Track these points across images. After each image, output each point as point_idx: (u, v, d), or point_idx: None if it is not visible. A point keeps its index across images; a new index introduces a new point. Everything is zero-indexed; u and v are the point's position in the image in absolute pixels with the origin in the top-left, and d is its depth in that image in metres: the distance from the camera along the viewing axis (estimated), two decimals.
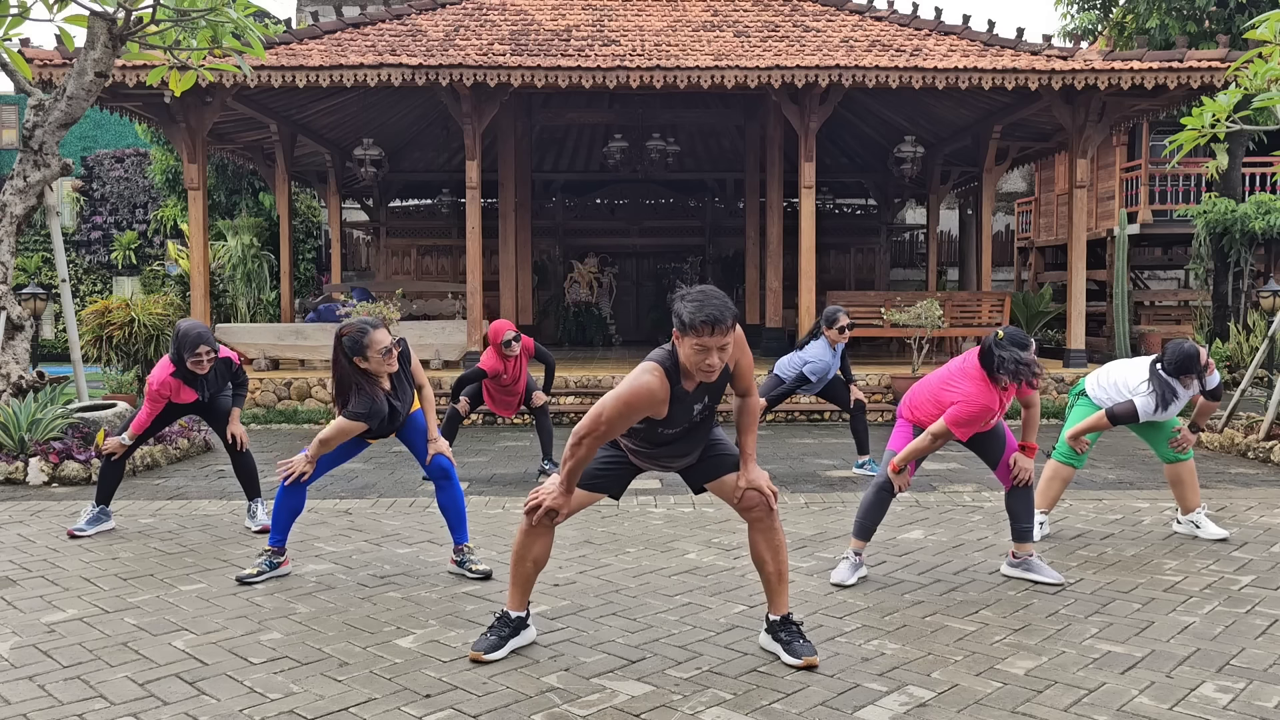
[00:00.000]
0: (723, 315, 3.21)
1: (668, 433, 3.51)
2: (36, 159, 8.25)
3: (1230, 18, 15.83)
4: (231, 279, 17.49)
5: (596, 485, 3.69)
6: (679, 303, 3.28)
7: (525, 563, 3.70)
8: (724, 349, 3.26)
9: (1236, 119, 6.89)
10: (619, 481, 3.75)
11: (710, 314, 3.19)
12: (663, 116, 15.61)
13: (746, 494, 3.59)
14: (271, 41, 11.58)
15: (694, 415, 3.48)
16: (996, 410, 4.43)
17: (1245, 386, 9.05)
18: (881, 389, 11.72)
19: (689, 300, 3.26)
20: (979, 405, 4.35)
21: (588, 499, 3.69)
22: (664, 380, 3.35)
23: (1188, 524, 5.48)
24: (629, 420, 3.39)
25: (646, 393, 3.33)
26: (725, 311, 3.22)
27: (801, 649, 3.58)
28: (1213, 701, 3.25)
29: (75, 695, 3.35)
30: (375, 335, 4.44)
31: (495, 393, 7.52)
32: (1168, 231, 16.60)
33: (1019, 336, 4.29)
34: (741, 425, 3.61)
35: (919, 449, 4.51)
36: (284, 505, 4.72)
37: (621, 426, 3.40)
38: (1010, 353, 4.24)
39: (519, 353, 7.36)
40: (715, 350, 3.24)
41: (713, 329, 3.20)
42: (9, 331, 8.40)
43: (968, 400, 4.37)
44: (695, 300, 3.24)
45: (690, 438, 3.58)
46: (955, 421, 4.38)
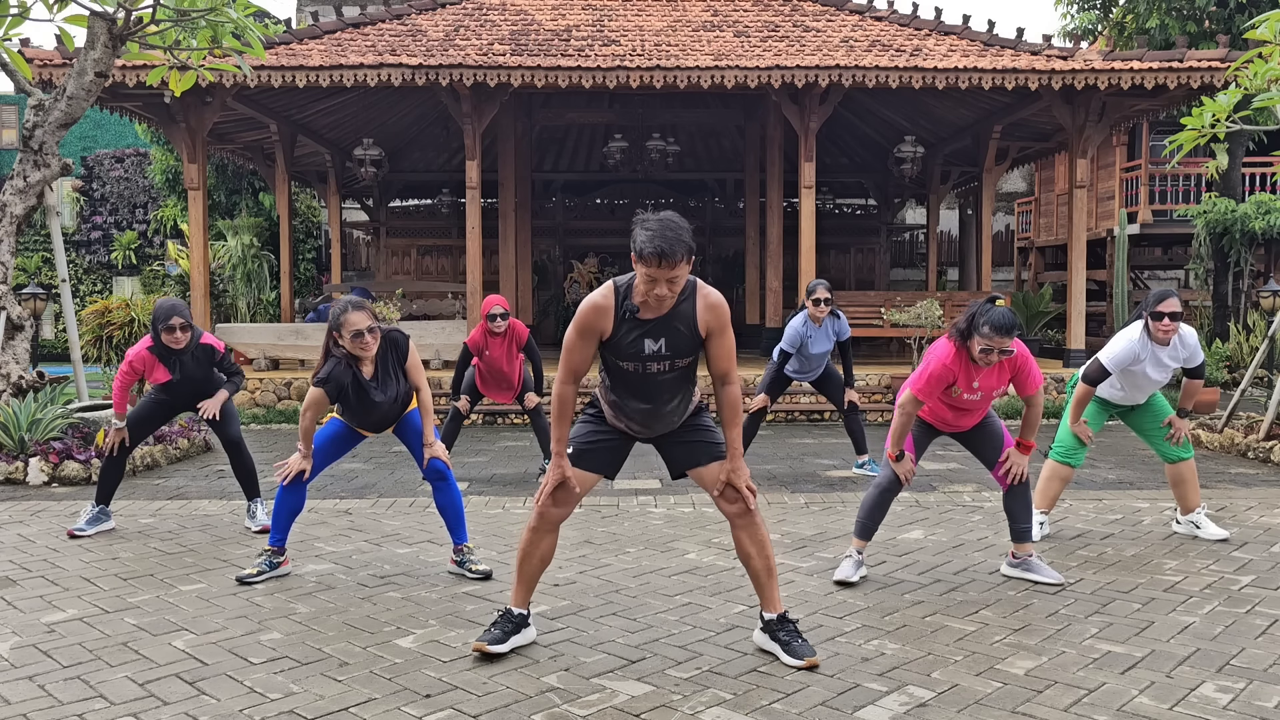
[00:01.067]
0: (673, 249, 3.21)
1: (627, 368, 3.49)
2: (36, 159, 8.24)
3: (1230, 18, 15.84)
4: (231, 279, 17.50)
5: (591, 463, 3.68)
6: (637, 228, 3.30)
7: (532, 560, 3.70)
8: (673, 281, 3.28)
9: (1236, 119, 6.89)
10: (612, 457, 3.74)
11: (659, 246, 3.20)
12: (663, 116, 15.61)
13: (726, 490, 3.59)
14: (271, 41, 11.58)
15: (647, 353, 3.46)
16: (958, 373, 4.35)
17: (1245, 386, 9.05)
18: (881, 389, 11.72)
19: (646, 227, 3.27)
20: (940, 365, 4.33)
21: (589, 479, 3.69)
22: (609, 294, 3.42)
23: (1188, 524, 5.48)
24: (586, 339, 3.47)
25: (590, 306, 3.44)
26: (677, 245, 3.21)
27: (801, 649, 3.57)
28: (1213, 701, 3.25)
29: (75, 695, 3.35)
30: (351, 315, 4.44)
31: (485, 375, 7.44)
32: (1168, 231, 16.60)
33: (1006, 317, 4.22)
34: (723, 419, 3.58)
35: (895, 428, 4.51)
36: (284, 505, 4.72)
37: (582, 349, 3.48)
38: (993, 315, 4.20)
39: (504, 332, 7.20)
40: (664, 281, 3.27)
41: (660, 260, 3.21)
42: (9, 331, 8.40)
43: (930, 361, 4.37)
44: (651, 229, 3.25)
45: (657, 392, 3.54)
46: (915, 383, 4.39)
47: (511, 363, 7.37)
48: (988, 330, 4.21)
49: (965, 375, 4.38)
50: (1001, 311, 4.24)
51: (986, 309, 4.24)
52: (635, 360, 3.48)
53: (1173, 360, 5.21)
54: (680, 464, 3.72)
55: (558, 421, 3.58)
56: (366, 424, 4.77)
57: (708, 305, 3.44)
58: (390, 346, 4.63)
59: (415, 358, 4.73)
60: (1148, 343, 5.13)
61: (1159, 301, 5.05)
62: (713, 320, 3.45)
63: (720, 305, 3.47)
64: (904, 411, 4.46)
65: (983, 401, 4.51)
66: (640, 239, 3.25)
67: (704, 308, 3.44)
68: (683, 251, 3.23)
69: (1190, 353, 5.19)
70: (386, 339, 4.61)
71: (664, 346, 3.46)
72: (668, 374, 3.52)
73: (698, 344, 3.50)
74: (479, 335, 7.27)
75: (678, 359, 3.49)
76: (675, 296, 3.34)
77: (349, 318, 4.43)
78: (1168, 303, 5.03)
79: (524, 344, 7.38)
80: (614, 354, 3.52)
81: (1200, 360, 5.25)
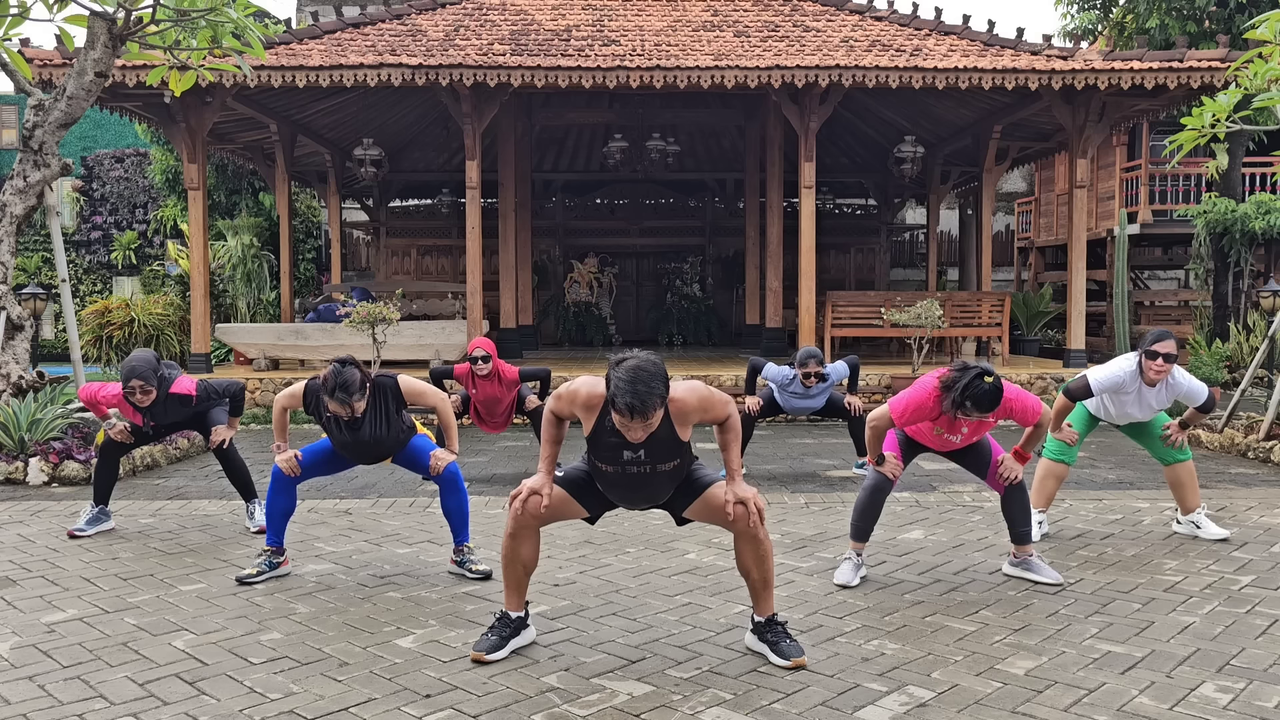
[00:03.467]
0: (645, 404, 3.19)
1: (605, 469, 3.52)
2: (36, 159, 8.24)
3: (1230, 18, 15.84)
4: (231, 279, 17.50)
5: (579, 495, 3.68)
6: (613, 368, 3.26)
7: (515, 565, 3.70)
8: (648, 426, 3.28)
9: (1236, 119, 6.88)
10: (600, 503, 3.74)
11: (630, 403, 3.19)
12: (663, 116, 15.61)
13: (735, 508, 3.56)
14: (271, 41, 11.57)
15: (625, 459, 3.45)
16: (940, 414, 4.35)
17: (1245, 386, 9.05)
18: (882, 389, 11.71)
19: (620, 375, 3.23)
20: (923, 398, 4.34)
21: (567, 504, 3.68)
22: (598, 397, 3.42)
23: (1188, 524, 5.48)
24: (568, 405, 3.51)
25: (578, 398, 3.48)
26: (649, 399, 3.20)
27: (789, 649, 3.58)
28: (1213, 701, 3.25)
29: (75, 695, 3.35)
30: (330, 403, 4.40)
31: (479, 407, 7.42)
32: (1168, 231, 16.59)
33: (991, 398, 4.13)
34: (723, 443, 3.61)
35: (868, 441, 4.53)
36: (275, 506, 4.72)
37: (565, 406, 3.52)
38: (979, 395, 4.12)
39: (488, 374, 7.13)
40: (639, 428, 3.27)
41: (631, 415, 3.21)
42: (9, 331, 8.40)
43: (916, 390, 4.39)
44: (625, 379, 3.21)
45: (634, 487, 3.55)
46: (896, 406, 4.41)
47: (501, 397, 7.30)
48: (970, 406, 4.19)
49: (949, 419, 4.39)
50: (987, 392, 4.14)
51: (977, 386, 4.15)
52: (614, 464, 3.50)
53: (1158, 404, 5.23)
54: (678, 509, 3.74)
55: (546, 441, 3.60)
56: (351, 453, 4.74)
57: (679, 412, 3.43)
58: (379, 394, 4.58)
59: (414, 387, 4.65)
60: (1138, 378, 5.14)
61: (1155, 340, 5.05)
62: (691, 415, 3.46)
63: (690, 400, 3.43)
64: (874, 429, 4.47)
65: (966, 440, 4.55)
66: (613, 389, 3.23)
67: (676, 415, 3.43)
68: (655, 404, 3.22)
69: (1187, 392, 5.19)
70: (375, 389, 4.57)
71: (643, 455, 3.46)
72: (649, 473, 3.52)
73: (680, 446, 3.50)
74: (465, 372, 7.26)
75: (659, 464, 3.50)
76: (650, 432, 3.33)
77: (329, 404, 4.40)
78: (1164, 344, 5.03)
79: (516, 382, 7.27)
80: (592, 449, 3.54)
81: (1203, 399, 5.22)
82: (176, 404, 5.59)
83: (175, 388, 5.53)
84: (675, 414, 3.43)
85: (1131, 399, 5.19)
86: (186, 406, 5.63)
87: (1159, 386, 5.16)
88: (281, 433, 4.74)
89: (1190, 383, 5.19)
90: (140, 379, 5.33)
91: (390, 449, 4.77)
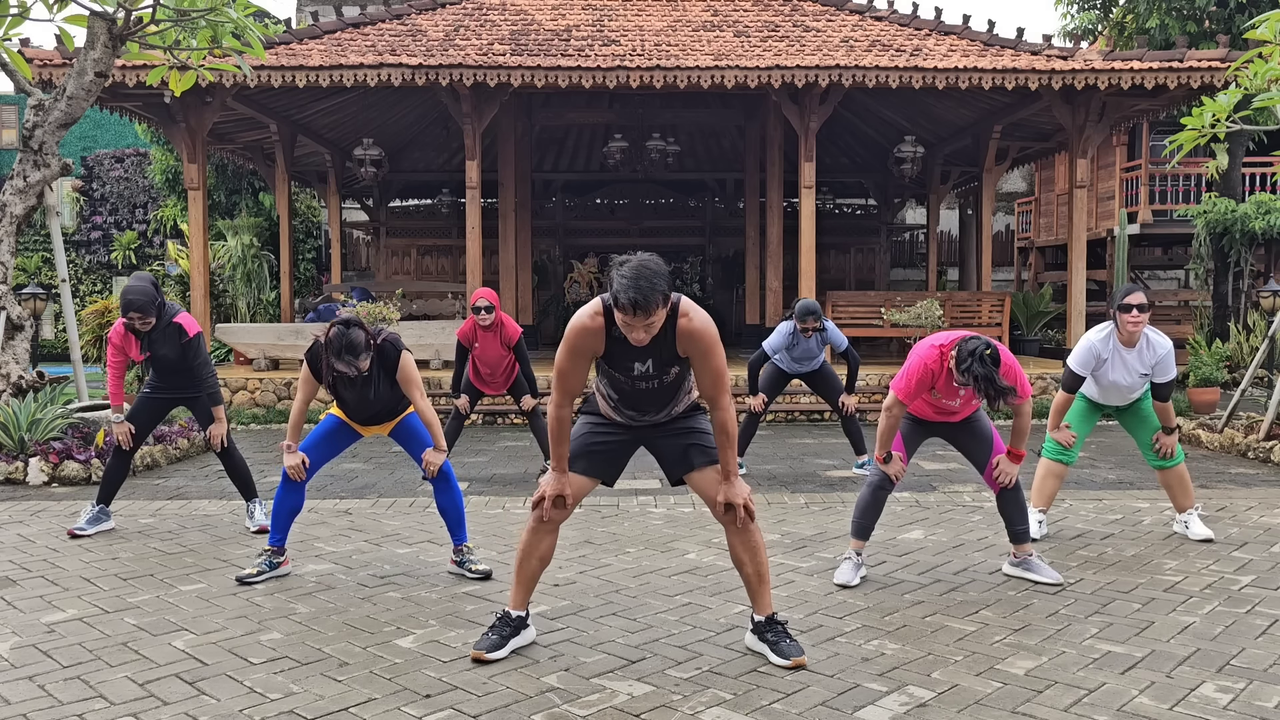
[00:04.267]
0: (647, 299, 3.19)
1: (620, 379, 3.53)
2: (36, 159, 8.24)
3: (1230, 18, 15.84)
4: (231, 279, 17.50)
5: (590, 467, 3.69)
6: (614, 269, 3.28)
7: (531, 560, 3.70)
8: (650, 325, 3.27)
9: (1236, 119, 6.89)
10: (610, 461, 3.74)
11: (633, 297, 3.19)
12: (663, 116, 15.60)
13: (725, 511, 3.59)
14: (271, 41, 11.57)
15: (636, 373, 3.48)
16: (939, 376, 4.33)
17: (1245, 386, 9.05)
18: (881, 389, 11.72)
19: (621, 275, 3.24)
20: (922, 365, 4.35)
21: (586, 485, 3.69)
22: (598, 317, 3.42)
23: (1180, 524, 5.49)
24: (578, 360, 3.47)
25: (579, 328, 3.44)
26: (651, 295, 3.20)
27: (789, 649, 3.58)
28: (1213, 701, 3.25)
29: (75, 695, 3.35)
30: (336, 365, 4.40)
31: (478, 368, 7.42)
32: (1168, 231, 16.59)
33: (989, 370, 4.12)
34: (718, 443, 3.58)
35: (881, 431, 4.52)
36: (283, 504, 4.72)
37: (575, 369, 3.48)
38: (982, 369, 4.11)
39: (491, 325, 7.16)
40: (640, 327, 3.27)
41: (634, 311, 3.21)
42: (9, 331, 8.40)
43: (912, 361, 4.40)
44: (627, 276, 3.22)
45: (644, 400, 3.59)
46: (899, 384, 4.41)
47: (502, 355, 7.35)
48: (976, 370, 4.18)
49: (946, 382, 4.39)
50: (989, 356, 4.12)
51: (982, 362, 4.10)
52: (625, 375, 3.53)
53: (1140, 365, 5.16)
54: (676, 469, 3.72)
55: (556, 441, 3.59)
56: (358, 412, 4.74)
57: (685, 333, 3.42)
58: (379, 356, 4.57)
59: (408, 371, 4.62)
60: (1110, 342, 5.12)
61: (1125, 295, 5.04)
62: (691, 347, 3.44)
63: (698, 333, 3.41)
64: (890, 415, 4.46)
65: (964, 405, 4.54)
66: (615, 286, 3.23)
67: (682, 335, 3.42)
68: (657, 300, 3.22)
69: (1159, 363, 5.12)
70: (377, 350, 4.55)
71: (651, 366, 3.49)
72: (656, 387, 3.56)
73: (679, 357, 3.50)
74: (469, 327, 7.28)
75: (664, 375, 3.52)
76: (653, 334, 3.33)
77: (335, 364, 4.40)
78: (1133, 295, 5.02)
79: (514, 344, 7.32)
80: (607, 363, 3.56)
81: (1167, 378, 5.16)
82: (175, 335, 5.60)
83: (178, 318, 5.59)
84: (682, 331, 3.40)
85: (1111, 364, 5.15)
86: (181, 340, 5.61)
87: (1139, 347, 5.12)
88: (295, 431, 4.71)
89: (1168, 353, 5.12)
90: (138, 311, 5.40)
91: (392, 411, 4.78)
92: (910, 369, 4.40)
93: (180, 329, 5.60)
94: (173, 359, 5.68)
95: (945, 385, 4.39)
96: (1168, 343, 5.16)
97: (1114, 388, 5.27)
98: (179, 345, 5.63)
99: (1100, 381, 5.26)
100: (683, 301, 3.42)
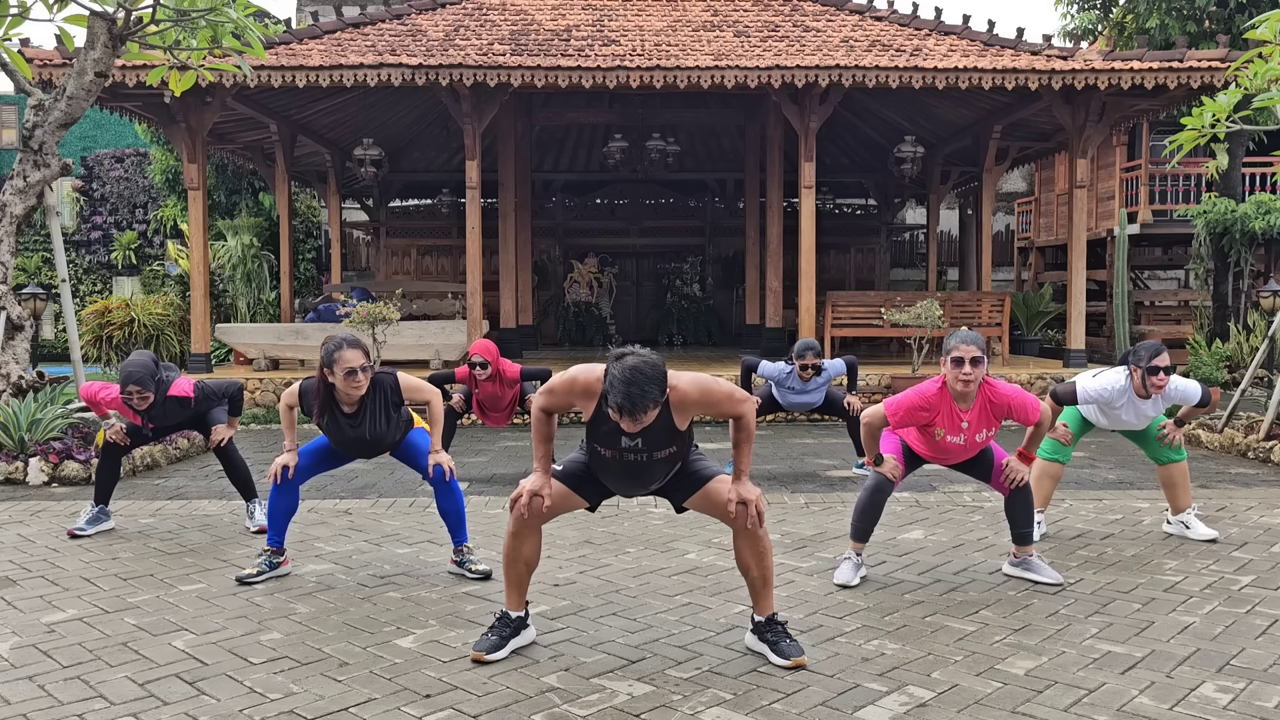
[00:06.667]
0: (636, 407, 3.17)
1: (604, 453, 3.50)
2: (36, 159, 8.24)
3: (1230, 18, 15.83)
4: (231, 279, 17.50)
5: (578, 486, 3.68)
6: (612, 363, 3.24)
7: (517, 564, 3.70)
8: (642, 422, 3.25)
9: (1236, 119, 6.88)
10: (600, 492, 3.73)
11: (621, 403, 3.17)
12: (663, 116, 15.61)
13: (737, 508, 3.56)
14: (271, 41, 11.57)
15: (623, 446, 3.44)
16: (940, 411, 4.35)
17: (1245, 386, 9.05)
18: (882, 389, 11.72)
19: (616, 373, 3.19)
20: (919, 396, 4.35)
21: (568, 499, 3.68)
22: (598, 383, 3.38)
23: (1178, 524, 5.48)
24: (566, 400, 3.50)
25: (576, 382, 3.45)
26: (642, 403, 3.17)
27: (789, 649, 3.58)
28: (1213, 701, 3.25)
29: (75, 695, 3.35)
30: (345, 353, 4.38)
31: (483, 404, 7.42)
32: (1168, 231, 16.59)
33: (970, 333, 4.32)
34: (734, 440, 3.59)
35: (863, 439, 4.52)
36: (277, 505, 4.72)
37: (562, 403, 3.52)
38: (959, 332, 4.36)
39: (488, 379, 7.13)
40: (627, 424, 3.25)
41: (622, 414, 3.20)
42: (9, 331, 8.40)
43: (912, 391, 4.41)
44: (621, 379, 3.17)
45: (631, 474, 3.54)
46: (891, 405, 4.40)
47: (504, 394, 7.31)
48: (954, 342, 4.27)
49: (949, 415, 4.36)
50: (965, 330, 4.35)
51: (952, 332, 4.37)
52: (612, 449, 3.48)
53: (1154, 410, 5.20)
54: (678, 499, 3.73)
55: (538, 440, 3.59)
56: (348, 450, 4.74)
57: (678, 404, 3.40)
58: (376, 390, 4.56)
59: (411, 383, 4.63)
60: (1127, 392, 5.13)
61: (1154, 355, 5.00)
62: (691, 408, 3.43)
63: (688, 395, 3.39)
64: (868, 427, 4.45)
65: (968, 445, 4.47)
66: (608, 384, 3.21)
67: (675, 407, 3.40)
68: (648, 407, 3.20)
69: (1183, 395, 5.15)
70: (374, 385, 4.55)
71: (640, 443, 3.44)
72: (645, 461, 3.50)
73: (676, 434, 3.47)
74: (467, 373, 7.27)
75: (655, 452, 3.47)
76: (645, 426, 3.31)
77: (343, 355, 4.37)
78: (1162, 358, 5.00)
79: (518, 379, 7.27)
80: (591, 434, 3.53)
81: (1199, 396, 5.18)
82: (175, 406, 5.58)
83: (173, 390, 5.51)
84: (675, 403, 3.40)
85: (1123, 409, 5.18)
86: (185, 408, 5.62)
87: (1154, 398, 5.15)
88: (290, 431, 4.74)
89: (1184, 386, 5.16)
90: (138, 385, 5.33)
91: (389, 443, 4.78)
92: (907, 398, 4.38)
93: (179, 400, 5.55)
94: (181, 423, 5.74)
95: (947, 415, 4.37)
96: (1179, 382, 5.15)
97: (1122, 424, 5.32)
98: (184, 411, 5.64)
99: (1107, 415, 5.27)
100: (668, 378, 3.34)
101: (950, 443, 4.46)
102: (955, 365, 4.27)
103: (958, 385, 4.28)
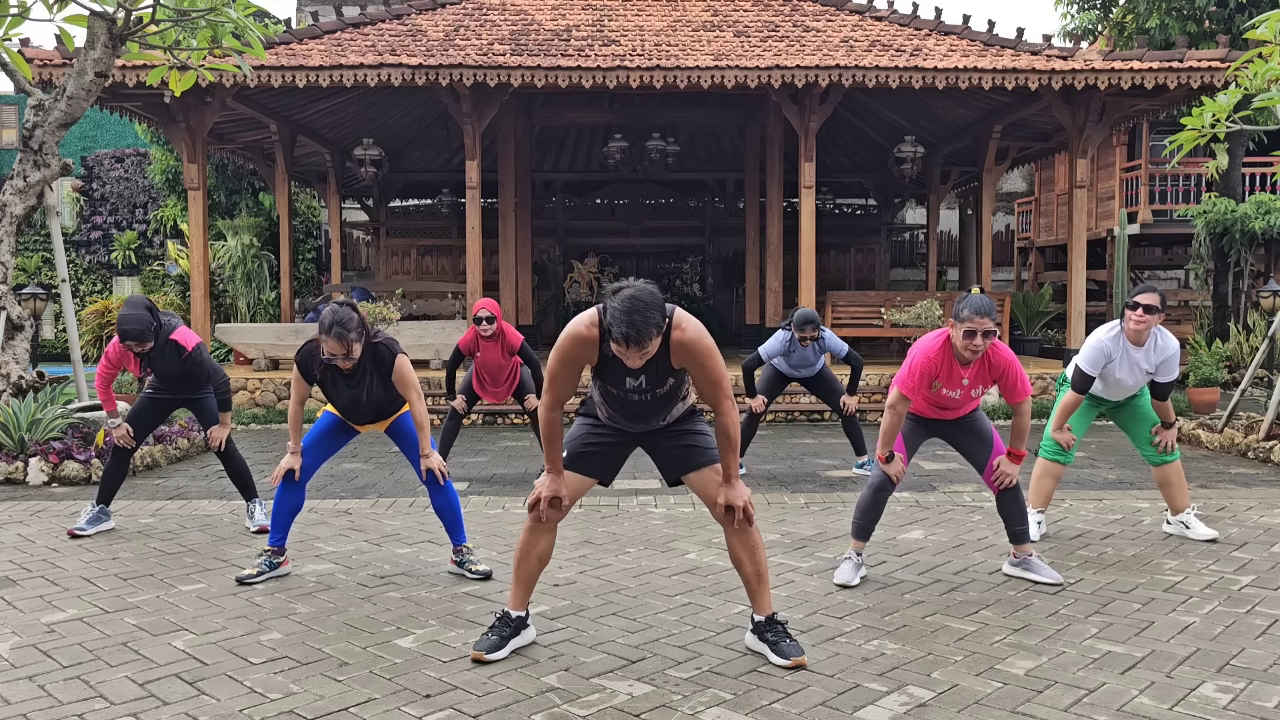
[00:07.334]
0: (640, 334, 3.17)
1: (613, 391, 3.54)
2: (36, 159, 8.24)
3: (1230, 18, 15.83)
4: (231, 279, 17.49)
5: (587, 468, 3.69)
6: (610, 297, 3.25)
7: (529, 560, 3.71)
8: (645, 353, 3.26)
9: (1236, 119, 6.89)
10: (607, 462, 3.74)
11: (624, 331, 3.17)
12: (663, 116, 15.61)
13: (724, 512, 3.59)
14: (271, 41, 11.57)
15: (628, 386, 3.48)
16: (941, 367, 4.38)
17: (1245, 386, 9.05)
18: (881, 389, 11.72)
19: (616, 304, 3.20)
20: (924, 357, 4.37)
21: (582, 484, 3.69)
22: (593, 328, 3.39)
23: (1177, 525, 5.48)
24: (570, 368, 3.48)
25: (572, 337, 3.43)
26: (645, 329, 3.18)
27: (789, 649, 3.58)
28: (1213, 701, 3.25)
29: (75, 695, 3.35)
30: (327, 344, 4.37)
31: (481, 375, 7.43)
32: (1168, 231, 16.60)
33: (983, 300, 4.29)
34: (720, 446, 3.58)
35: (885, 429, 4.53)
36: (283, 504, 4.72)
37: (566, 375, 3.50)
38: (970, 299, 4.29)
39: (493, 335, 7.17)
40: (634, 356, 3.26)
41: (627, 344, 3.20)
42: (9, 331, 8.40)
43: (914, 355, 4.42)
44: (621, 308, 3.18)
45: (638, 412, 3.59)
46: (902, 379, 4.43)
47: (505, 363, 7.35)
48: (967, 313, 4.28)
49: (949, 371, 4.41)
50: (978, 296, 4.34)
51: (964, 296, 4.36)
52: (619, 388, 3.53)
53: (1146, 364, 5.15)
54: (673, 470, 3.72)
55: (548, 442, 3.58)
56: (350, 413, 4.75)
57: (679, 345, 3.39)
58: (373, 357, 4.56)
59: (403, 372, 4.59)
60: (1120, 340, 5.12)
61: (1137, 293, 5.05)
62: (686, 359, 3.42)
63: (691, 344, 3.38)
64: (894, 412, 4.47)
65: (964, 399, 4.53)
66: (608, 318, 3.22)
67: (676, 348, 3.39)
68: (651, 333, 3.20)
69: (1165, 363, 5.12)
70: (371, 348, 4.54)
71: (644, 381, 3.47)
72: (650, 399, 3.55)
73: (674, 370, 3.49)
74: (470, 338, 7.28)
75: (658, 388, 3.51)
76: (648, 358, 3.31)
77: (325, 344, 4.38)
78: (1145, 295, 5.02)
79: (518, 349, 7.32)
80: (599, 375, 3.56)
81: (1169, 378, 5.16)
82: (174, 352, 5.59)
83: (174, 335, 5.56)
84: (674, 344, 3.38)
85: (1119, 363, 5.15)
86: (180, 357, 5.61)
87: (1146, 346, 5.11)
88: (295, 431, 4.73)
89: (1174, 353, 5.12)
90: (135, 339, 5.39)
91: (387, 410, 4.78)
92: (913, 363, 4.41)
93: (178, 346, 5.58)
94: (175, 373, 5.71)
95: (947, 374, 4.41)
96: (1175, 343, 5.14)
97: (1118, 385, 5.27)
98: (179, 360, 5.64)
99: (1106, 378, 5.25)
100: (676, 313, 3.38)
101: (946, 395, 4.50)
102: (968, 337, 4.28)
103: (966, 354, 4.33)
